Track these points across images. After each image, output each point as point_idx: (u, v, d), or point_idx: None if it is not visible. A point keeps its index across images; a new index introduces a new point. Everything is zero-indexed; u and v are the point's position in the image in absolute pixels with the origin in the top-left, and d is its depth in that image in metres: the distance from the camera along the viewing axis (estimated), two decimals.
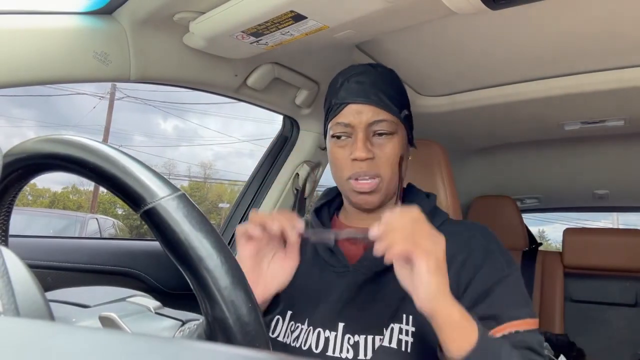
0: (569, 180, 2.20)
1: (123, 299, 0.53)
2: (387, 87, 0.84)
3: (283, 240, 0.71)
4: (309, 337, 0.77)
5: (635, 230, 2.07)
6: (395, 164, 0.82)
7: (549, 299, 2.05)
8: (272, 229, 0.67)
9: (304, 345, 0.77)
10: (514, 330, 0.70)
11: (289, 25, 0.82)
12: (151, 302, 0.51)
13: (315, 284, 0.82)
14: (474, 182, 2.18)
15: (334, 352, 0.74)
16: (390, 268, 0.77)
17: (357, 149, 0.79)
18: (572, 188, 2.32)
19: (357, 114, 0.81)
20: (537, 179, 2.23)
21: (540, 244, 2.25)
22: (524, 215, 2.22)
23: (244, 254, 0.69)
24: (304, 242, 0.83)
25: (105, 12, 0.84)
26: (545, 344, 1.61)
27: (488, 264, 0.77)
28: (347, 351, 0.74)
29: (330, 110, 0.85)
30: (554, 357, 1.60)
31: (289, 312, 0.82)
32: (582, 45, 1.03)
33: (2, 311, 0.25)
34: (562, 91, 1.20)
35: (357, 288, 0.78)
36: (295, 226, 0.68)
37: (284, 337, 0.81)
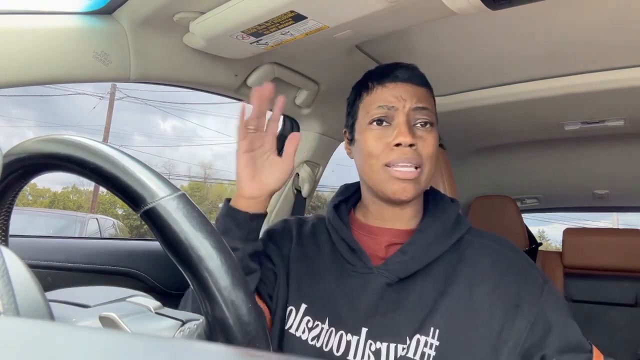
0: (569, 180, 2.20)
1: (123, 299, 0.53)
2: (427, 81, 0.85)
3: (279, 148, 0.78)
4: (331, 338, 0.75)
5: (635, 230, 2.07)
6: (434, 158, 0.79)
7: None
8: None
9: (326, 347, 0.75)
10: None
11: (289, 25, 0.82)
12: (151, 302, 0.51)
13: (334, 283, 0.80)
14: (474, 182, 2.18)
15: (354, 357, 0.73)
16: (415, 275, 0.76)
17: (402, 134, 0.75)
18: (572, 188, 2.32)
19: (401, 98, 0.78)
20: (537, 179, 2.23)
21: (540, 243, 2.25)
22: (524, 215, 2.22)
23: (240, 150, 0.75)
24: (321, 237, 0.87)
25: (105, 12, 0.84)
26: None
27: (529, 283, 0.74)
28: (369, 357, 0.72)
29: (367, 91, 0.82)
30: None
31: (304, 306, 0.80)
32: (582, 45, 1.03)
33: (2, 311, 0.25)
34: (562, 91, 1.20)
35: (380, 292, 0.75)
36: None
37: (297, 330, 0.79)
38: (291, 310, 0.81)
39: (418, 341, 0.71)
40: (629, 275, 1.98)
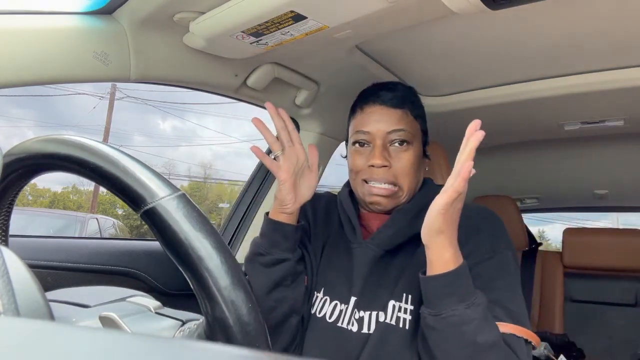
0: (569, 180, 2.20)
1: (123, 299, 0.53)
2: (410, 98, 0.89)
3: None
4: (325, 306, 0.85)
5: (635, 230, 2.07)
6: (412, 173, 0.86)
7: (549, 298, 2.05)
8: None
9: (319, 313, 0.85)
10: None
11: (289, 25, 0.82)
12: (151, 302, 0.51)
13: (333, 257, 0.90)
14: (474, 182, 2.16)
15: (342, 324, 0.82)
16: (399, 247, 0.84)
17: (374, 157, 0.84)
18: (572, 188, 2.32)
19: (377, 123, 0.86)
20: (537, 179, 2.23)
21: (540, 244, 2.25)
22: (524, 215, 2.22)
23: (282, 177, 0.81)
24: (332, 214, 0.97)
25: (105, 12, 0.84)
26: (545, 343, 1.61)
27: (473, 242, 0.78)
28: (353, 324, 0.81)
29: (353, 114, 0.91)
30: (553, 357, 1.60)
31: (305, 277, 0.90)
32: (582, 45, 1.03)
33: (2, 311, 0.25)
34: (562, 91, 1.20)
35: (368, 264, 0.84)
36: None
37: None
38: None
39: (393, 307, 0.79)
40: (629, 275, 1.99)
